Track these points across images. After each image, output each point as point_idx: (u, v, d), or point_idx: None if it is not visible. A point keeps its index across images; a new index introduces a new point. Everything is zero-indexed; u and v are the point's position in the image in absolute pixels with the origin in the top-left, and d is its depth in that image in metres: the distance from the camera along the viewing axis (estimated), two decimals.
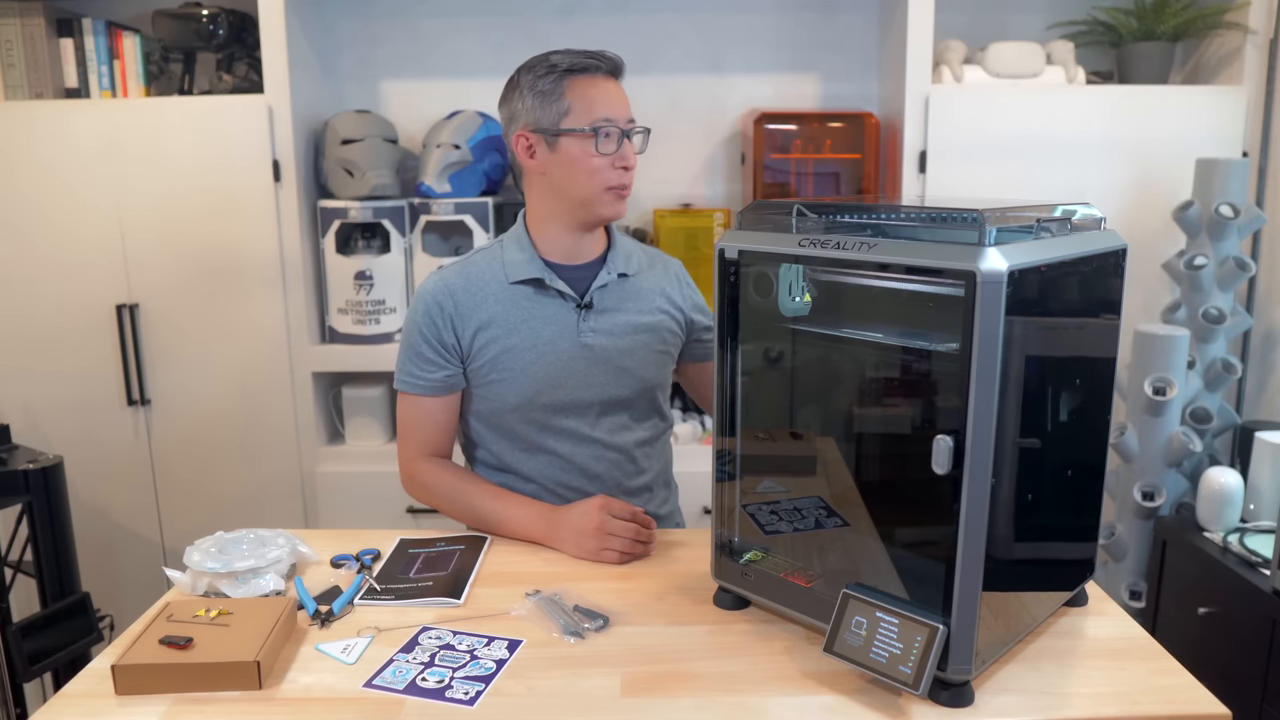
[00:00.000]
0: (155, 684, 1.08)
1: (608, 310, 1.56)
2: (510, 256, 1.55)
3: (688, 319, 1.66)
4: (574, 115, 1.46)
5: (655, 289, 1.62)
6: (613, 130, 1.46)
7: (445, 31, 2.80)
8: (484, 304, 1.52)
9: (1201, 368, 2.37)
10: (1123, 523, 2.36)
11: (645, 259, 1.65)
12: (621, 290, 1.58)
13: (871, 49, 2.81)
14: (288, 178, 2.49)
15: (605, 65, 1.48)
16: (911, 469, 1.08)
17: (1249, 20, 2.46)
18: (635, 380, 1.57)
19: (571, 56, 1.47)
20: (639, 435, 1.61)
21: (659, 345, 1.60)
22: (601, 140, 1.45)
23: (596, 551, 1.41)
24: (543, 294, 1.53)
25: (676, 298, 1.65)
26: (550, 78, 1.46)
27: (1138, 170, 2.50)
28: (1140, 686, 1.07)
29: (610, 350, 1.55)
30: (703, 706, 1.05)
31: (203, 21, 2.53)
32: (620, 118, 1.48)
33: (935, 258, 0.99)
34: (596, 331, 1.54)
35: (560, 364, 1.52)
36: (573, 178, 1.48)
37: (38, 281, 2.53)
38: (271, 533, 1.41)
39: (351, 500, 2.62)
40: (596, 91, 1.46)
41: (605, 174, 1.47)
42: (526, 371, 1.52)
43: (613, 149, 1.47)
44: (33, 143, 2.47)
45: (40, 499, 2.16)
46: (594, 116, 1.45)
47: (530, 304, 1.53)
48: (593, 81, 1.47)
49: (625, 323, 1.56)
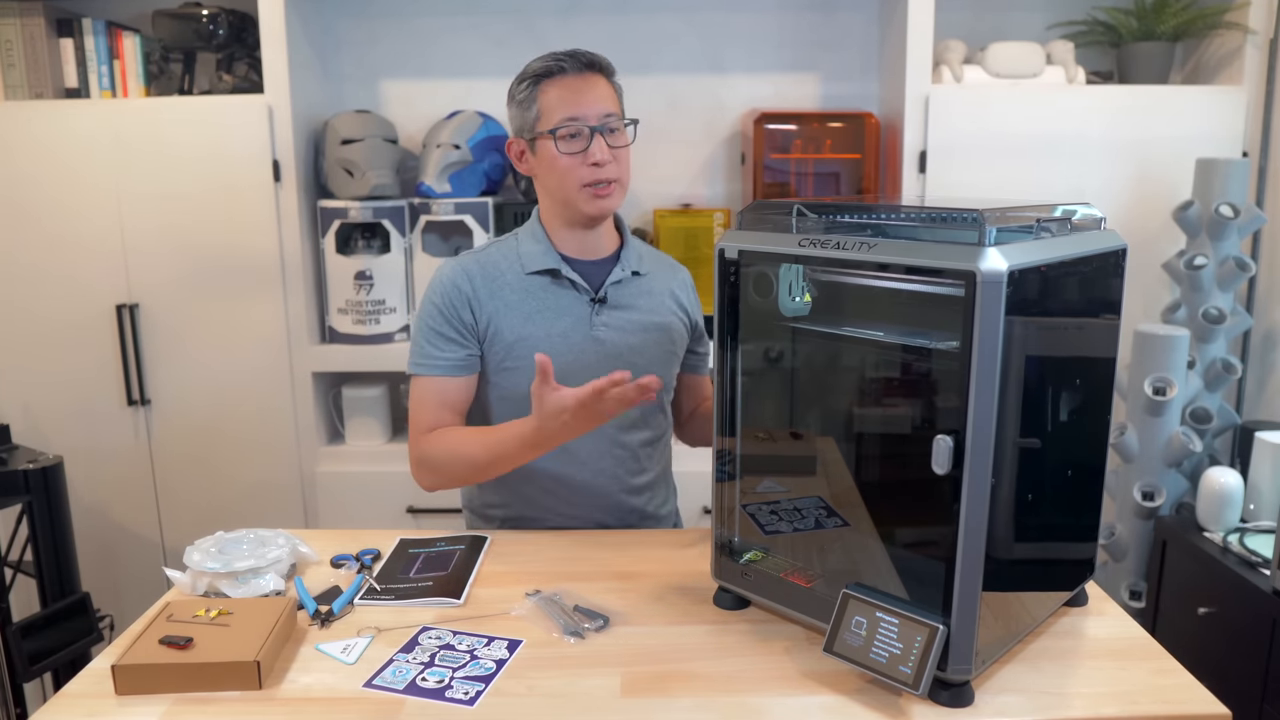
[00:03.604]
0: (155, 684, 1.08)
1: (621, 306, 1.57)
2: (526, 248, 1.56)
3: (692, 324, 1.68)
4: (543, 119, 1.49)
5: (665, 290, 1.64)
6: (578, 129, 1.47)
7: (445, 31, 2.80)
8: (500, 292, 1.53)
9: (1201, 368, 2.37)
10: (1123, 523, 2.36)
11: (655, 261, 1.67)
12: (635, 288, 1.59)
13: (871, 49, 2.81)
14: (288, 178, 2.49)
15: (572, 64, 1.49)
16: (911, 469, 1.08)
17: (1249, 20, 2.46)
18: (649, 372, 1.56)
19: (544, 61, 1.49)
20: (644, 434, 1.61)
21: (668, 345, 1.61)
22: (563, 141, 1.47)
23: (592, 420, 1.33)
24: (558, 285, 1.55)
25: (685, 301, 1.67)
26: (525, 85, 1.50)
27: (1138, 170, 2.50)
28: (1140, 686, 1.07)
29: (621, 346, 1.56)
30: (703, 706, 1.05)
31: (203, 21, 2.53)
32: (589, 115, 1.48)
33: (935, 258, 0.99)
34: (609, 326, 1.55)
35: (572, 356, 1.52)
36: (551, 178, 1.51)
37: (38, 281, 2.53)
38: (271, 533, 1.41)
39: (351, 500, 2.62)
40: (560, 91, 1.48)
41: (576, 172, 1.48)
42: (528, 364, 1.50)
43: (578, 148, 1.48)
44: (33, 143, 2.47)
45: (40, 499, 2.16)
46: (558, 117, 1.47)
47: (545, 294, 1.54)
48: (559, 82, 1.48)
49: (637, 320, 1.58)
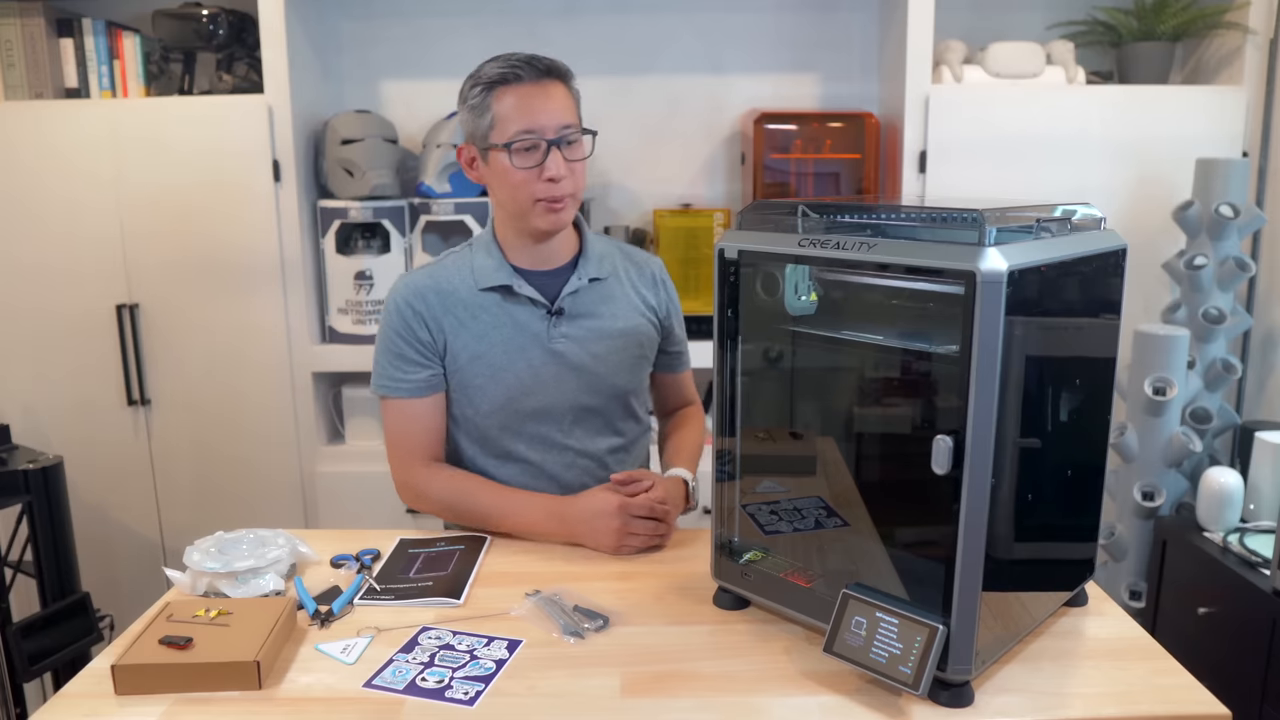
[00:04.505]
0: (155, 684, 1.08)
1: (579, 316, 1.53)
2: (479, 263, 1.52)
3: (664, 324, 1.64)
4: (497, 129, 1.42)
5: (630, 292, 1.59)
6: (534, 142, 1.41)
7: (445, 31, 2.80)
8: (453, 309, 1.50)
9: (1201, 368, 2.37)
10: (1123, 523, 2.36)
11: (622, 259, 1.61)
12: (595, 294, 1.55)
13: (871, 49, 2.81)
14: (288, 178, 2.49)
15: (530, 73, 1.42)
16: (911, 469, 1.08)
17: (1249, 20, 2.46)
18: (608, 387, 1.55)
19: (500, 66, 1.42)
20: (612, 442, 1.60)
21: (634, 350, 1.58)
22: (517, 155, 1.41)
23: (616, 548, 1.41)
24: (512, 300, 1.51)
25: (653, 300, 1.62)
26: (478, 90, 1.43)
27: (1138, 170, 2.50)
28: (1140, 686, 1.07)
29: (582, 357, 1.53)
30: (703, 706, 1.05)
31: (203, 21, 2.53)
32: (546, 127, 1.42)
33: (935, 258, 0.99)
34: (568, 338, 1.52)
35: (530, 371, 1.50)
36: (502, 191, 1.46)
37: (38, 281, 2.53)
38: (271, 533, 1.41)
39: (351, 500, 2.62)
40: (517, 102, 1.41)
41: (530, 187, 1.43)
42: (497, 378, 1.50)
43: (532, 162, 1.42)
44: (33, 143, 2.47)
45: (40, 499, 2.16)
46: (513, 129, 1.41)
47: (500, 310, 1.51)
48: (516, 91, 1.41)
49: (598, 328, 1.54)
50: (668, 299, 1.65)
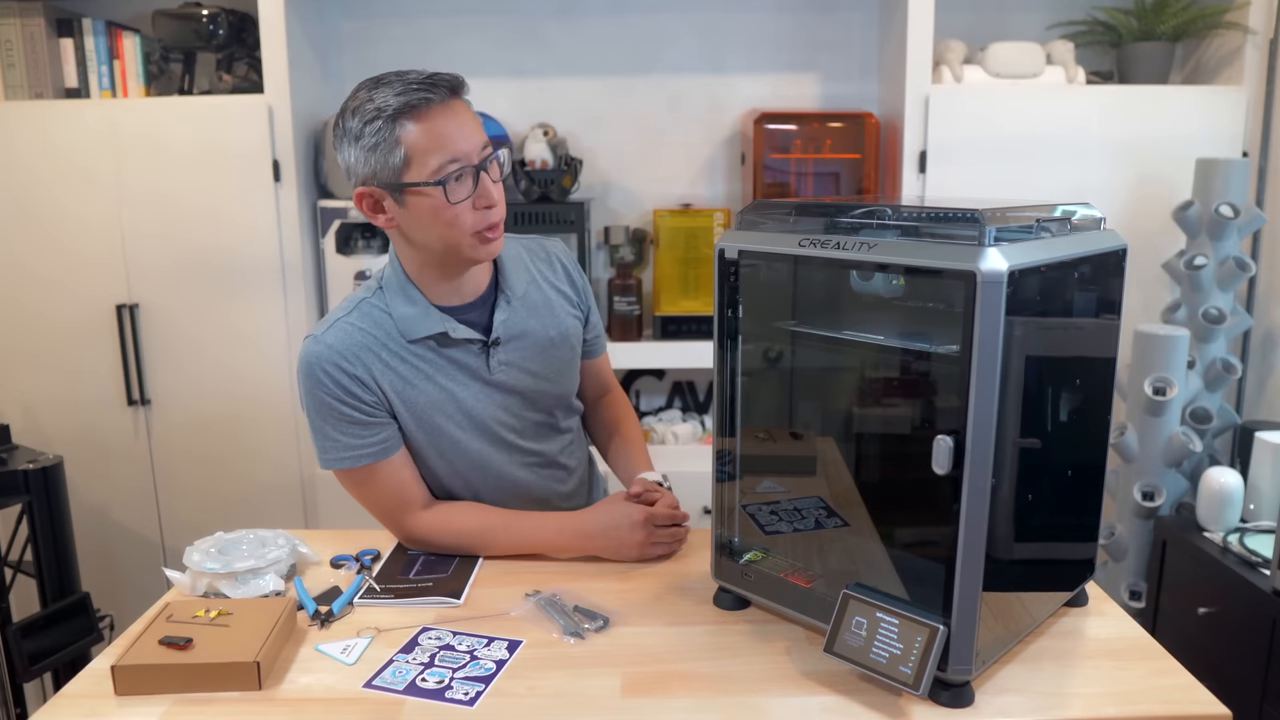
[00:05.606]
0: (155, 684, 1.08)
1: (512, 339, 1.45)
2: (400, 312, 1.38)
3: (585, 313, 1.58)
4: (415, 166, 1.26)
5: (550, 291, 1.52)
6: (464, 171, 1.28)
7: (445, 31, 2.80)
8: (374, 368, 1.36)
9: (1201, 368, 2.37)
10: (1123, 523, 2.36)
11: (529, 259, 1.53)
12: (523, 311, 1.46)
13: (871, 49, 2.81)
14: (288, 178, 2.49)
15: (438, 94, 1.26)
16: (911, 469, 1.08)
17: (1249, 20, 2.46)
18: (554, 391, 1.52)
19: (397, 93, 1.25)
20: (563, 441, 1.57)
21: (568, 352, 1.53)
22: (452, 188, 1.27)
23: (640, 559, 1.41)
24: (446, 345, 1.40)
25: (569, 290, 1.54)
26: (377, 124, 1.25)
27: (1138, 170, 2.50)
28: (1140, 686, 1.07)
29: (523, 379, 1.46)
30: (703, 706, 1.05)
31: (203, 21, 2.53)
32: (470, 151, 1.28)
33: (935, 258, 0.99)
34: (507, 365, 1.44)
35: (476, 405, 1.43)
36: (430, 231, 1.31)
37: (38, 281, 2.53)
38: (271, 533, 1.41)
39: (351, 501, 2.60)
40: (434, 130, 1.26)
41: (465, 219, 1.30)
42: (440, 426, 1.42)
43: (467, 193, 1.29)
44: (33, 143, 2.47)
45: (40, 499, 2.16)
46: (435, 162, 1.26)
47: (435, 356, 1.40)
48: (427, 118, 1.25)
49: (533, 343, 1.47)
50: (580, 283, 1.57)
